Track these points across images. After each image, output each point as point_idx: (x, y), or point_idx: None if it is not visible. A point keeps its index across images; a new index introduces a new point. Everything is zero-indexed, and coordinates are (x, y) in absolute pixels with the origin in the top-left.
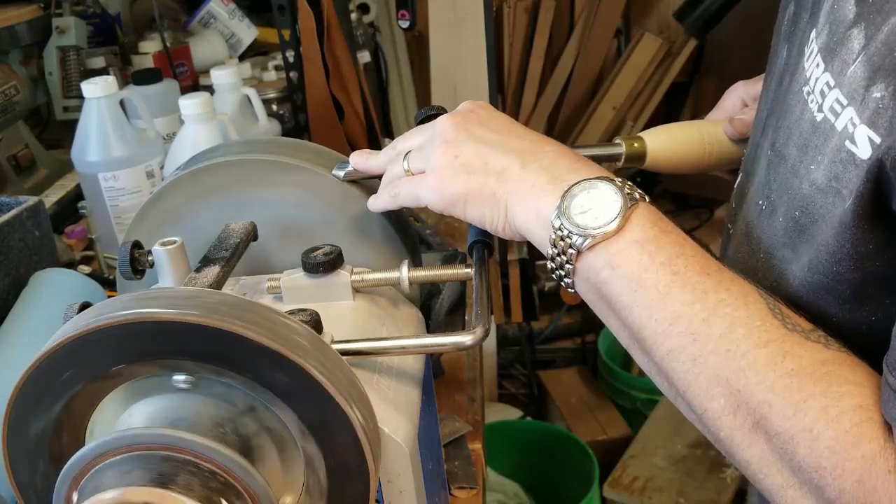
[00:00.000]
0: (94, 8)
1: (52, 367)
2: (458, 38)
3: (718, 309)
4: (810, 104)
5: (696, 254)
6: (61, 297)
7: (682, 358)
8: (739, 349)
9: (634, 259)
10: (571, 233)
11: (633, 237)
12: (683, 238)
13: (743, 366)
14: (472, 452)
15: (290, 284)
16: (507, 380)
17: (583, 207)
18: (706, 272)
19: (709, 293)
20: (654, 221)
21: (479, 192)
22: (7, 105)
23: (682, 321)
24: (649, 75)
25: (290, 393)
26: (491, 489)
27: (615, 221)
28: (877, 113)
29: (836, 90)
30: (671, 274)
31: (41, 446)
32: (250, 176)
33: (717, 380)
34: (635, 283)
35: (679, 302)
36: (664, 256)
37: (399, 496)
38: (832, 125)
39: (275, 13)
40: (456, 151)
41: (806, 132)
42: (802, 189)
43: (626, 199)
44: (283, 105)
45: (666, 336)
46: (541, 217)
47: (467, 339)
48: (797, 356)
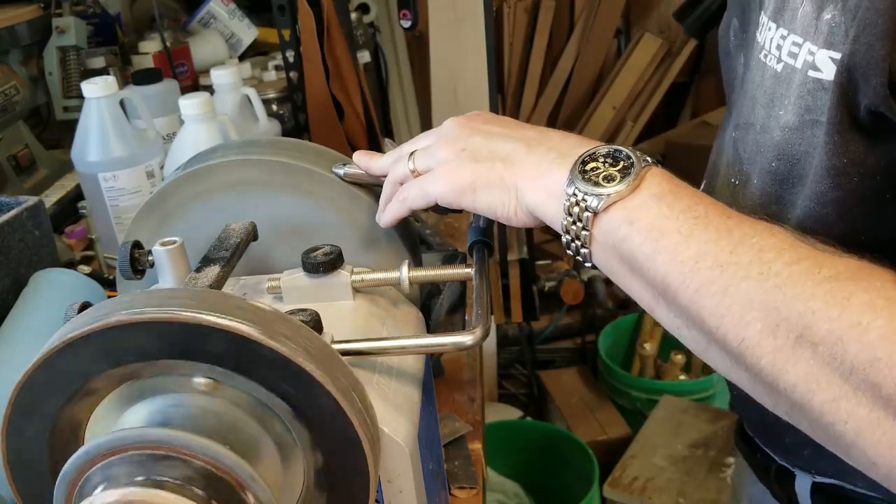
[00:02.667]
0: (94, 8)
1: (52, 367)
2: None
3: (744, 241)
4: (768, 63)
5: (716, 203)
6: (61, 297)
7: (713, 291)
8: (772, 269)
9: (653, 210)
10: (587, 195)
11: (650, 192)
12: (701, 193)
13: (778, 283)
14: (472, 452)
15: (290, 284)
16: (507, 380)
17: (596, 171)
18: (727, 215)
19: (733, 230)
20: (670, 178)
21: (488, 177)
22: (7, 105)
23: (709, 256)
24: (649, 75)
25: (290, 393)
26: (491, 489)
27: (629, 179)
28: (831, 33)
29: (791, 35)
30: (692, 218)
31: (41, 446)
32: (250, 176)
33: (751, 304)
34: (656, 231)
35: (703, 240)
36: (683, 204)
37: (399, 496)
38: (793, 66)
39: (275, 13)
40: (462, 145)
41: (769, 88)
42: (775, 138)
43: (638, 160)
44: (283, 105)
45: (693, 273)
46: (552, 190)
47: (467, 339)
48: (833, 265)
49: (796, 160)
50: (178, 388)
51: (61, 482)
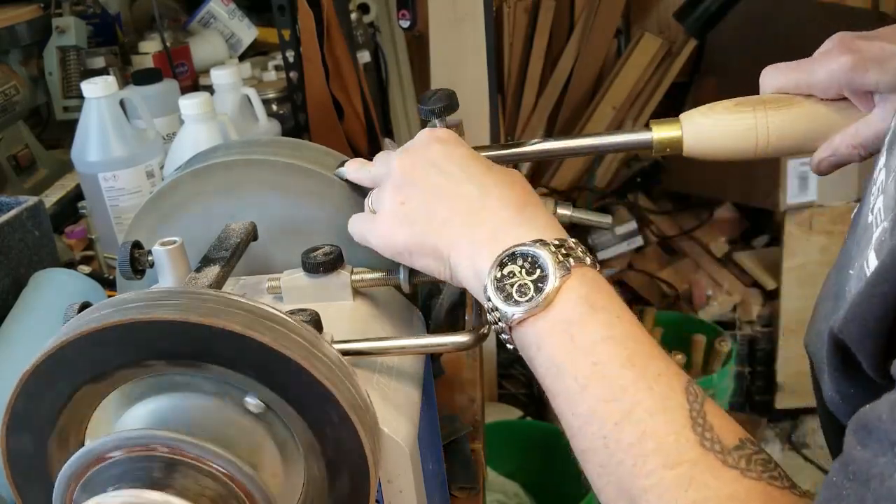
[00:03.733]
0: (94, 8)
1: (52, 367)
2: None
3: (634, 412)
4: (869, 196)
5: (626, 337)
6: (61, 297)
7: (595, 461)
8: (647, 466)
9: (558, 342)
10: (500, 307)
11: (561, 315)
12: (616, 316)
13: (646, 486)
14: (472, 452)
15: (290, 284)
16: (507, 380)
17: (514, 279)
18: (631, 362)
19: (627, 390)
20: (586, 295)
21: (422, 244)
22: (7, 105)
23: (596, 421)
24: (649, 75)
25: (290, 393)
26: (491, 489)
27: (542, 295)
28: (880, 242)
29: (883, 196)
30: (591, 364)
31: (41, 446)
32: (250, 176)
33: (622, 494)
34: (557, 369)
35: (595, 398)
36: (588, 340)
37: (399, 496)
38: (872, 234)
39: (275, 13)
40: (402, 197)
41: (862, 225)
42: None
43: (557, 268)
44: (283, 105)
45: (582, 435)
46: (478, 277)
47: (467, 339)
48: (704, 486)
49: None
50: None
51: (61, 482)
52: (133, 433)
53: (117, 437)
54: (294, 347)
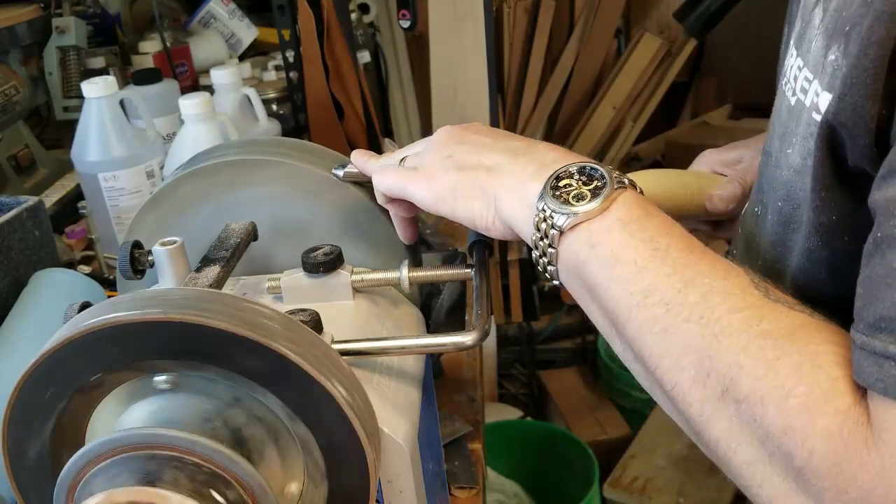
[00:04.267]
0: (94, 8)
1: (52, 367)
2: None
3: (697, 279)
4: (787, 93)
5: (683, 234)
6: (61, 297)
7: (655, 329)
8: (714, 314)
9: (616, 236)
10: (554, 212)
11: (617, 216)
12: (671, 222)
13: (716, 331)
14: (472, 452)
15: (290, 284)
16: (507, 380)
17: (568, 189)
18: (689, 249)
19: (689, 266)
20: (641, 204)
21: (470, 185)
22: (7, 105)
23: (658, 292)
24: (649, 75)
25: (290, 394)
26: (491, 489)
27: (599, 200)
28: (833, 76)
29: (805, 69)
30: (652, 249)
31: (41, 446)
32: (250, 176)
33: (688, 348)
34: (614, 259)
35: (657, 273)
36: (647, 234)
37: (399, 496)
38: (803, 103)
39: (275, 13)
40: (449, 152)
41: (784, 120)
42: (783, 176)
43: (612, 181)
44: (283, 105)
45: (641, 307)
46: (526, 201)
47: (467, 339)
48: (774, 320)
49: (797, 205)
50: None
51: (62, 482)
52: (133, 433)
53: (117, 436)
54: (294, 348)
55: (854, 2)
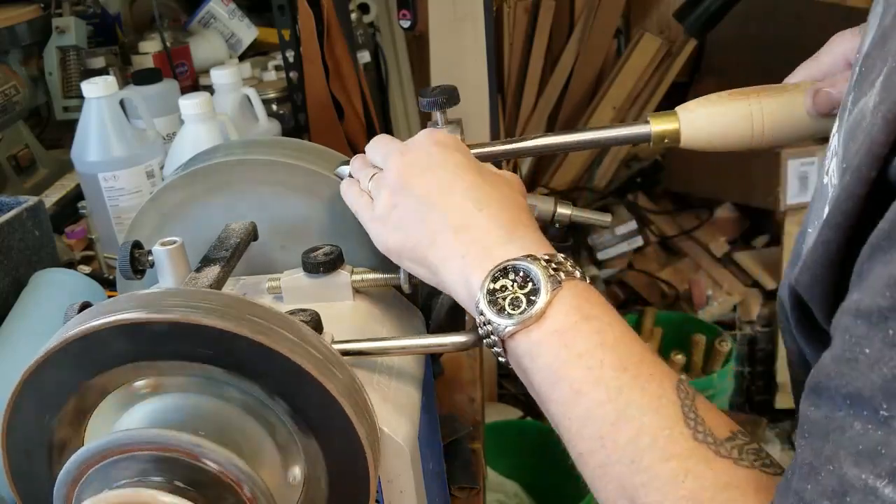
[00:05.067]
0: (94, 8)
1: (52, 367)
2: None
3: (629, 412)
4: (826, 161)
5: (618, 342)
6: (61, 297)
7: (593, 463)
8: (643, 462)
9: (552, 351)
10: (492, 321)
11: (553, 326)
12: (608, 324)
13: (644, 481)
14: (472, 452)
15: (290, 284)
16: (507, 380)
17: (506, 292)
18: (623, 366)
19: (622, 392)
20: (578, 306)
21: (413, 251)
22: (7, 105)
23: (594, 423)
24: (649, 75)
25: (290, 394)
26: (491, 489)
27: (535, 307)
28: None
29: (836, 158)
30: (586, 369)
31: (41, 446)
32: (250, 176)
33: (622, 491)
34: (552, 376)
35: (591, 400)
36: (582, 347)
37: (399, 496)
38: (827, 194)
39: (275, 13)
40: (396, 200)
41: (818, 188)
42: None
43: (548, 281)
44: (283, 105)
45: (579, 438)
46: (470, 292)
47: (467, 339)
48: (699, 476)
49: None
50: (176, 390)
51: (61, 482)
52: (133, 433)
53: (117, 436)
54: (293, 347)
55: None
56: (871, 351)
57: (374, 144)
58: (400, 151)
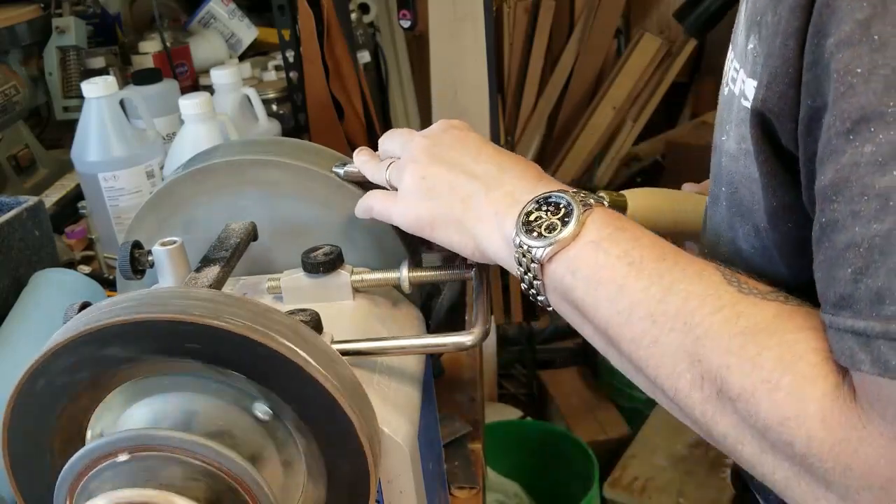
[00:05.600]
0: (94, 8)
1: (52, 367)
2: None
3: (673, 287)
4: (723, 84)
5: (654, 243)
6: (61, 297)
7: (646, 342)
8: (694, 319)
9: (591, 259)
10: (531, 247)
11: (589, 238)
12: (640, 232)
13: (699, 334)
14: (472, 452)
15: (290, 284)
16: (507, 380)
17: (541, 221)
18: (661, 257)
19: (664, 275)
20: (609, 221)
21: (446, 217)
22: (7, 105)
23: (641, 306)
24: (649, 75)
25: (291, 393)
26: (491, 489)
27: (570, 227)
28: (754, 63)
29: (735, 61)
30: (627, 265)
31: (41, 446)
32: (250, 176)
33: (680, 356)
34: (595, 281)
35: (636, 289)
36: (620, 250)
37: (399, 496)
38: (733, 92)
39: (275, 13)
40: (423, 172)
41: (721, 110)
42: (723, 163)
43: (579, 205)
44: (283, 105)
45: (629, 324)
46: (505, 239)
47: (467, 339)
48: (751, 315)
49: (735, 188)
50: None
51: (62, 482)
52: (133, 433)
53: (117, 436)
54: (293, 348)
55: (759, 6)
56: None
57: (390, 135)
58: (422, 135)
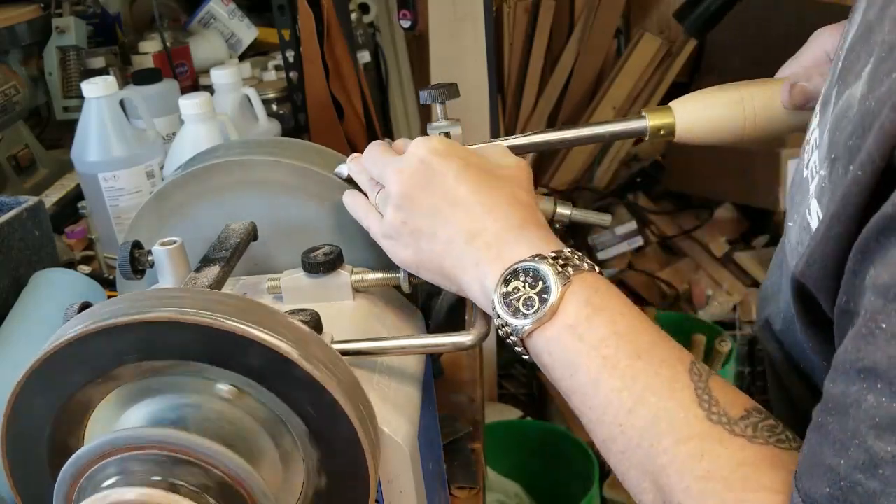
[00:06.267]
0: (94, 8)
1: (52, 367)
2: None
3: (645, 397)
4: (803, 155)
5: (630, 330)
6: (61, 297)
7: (615, 449)
8: (661, 445)
9: (568, 344)
10: (509, 322)
11: (566, 321)
12: (619, 313)
13: (664, 463)
14: (472, 452)
15: (290, 284)
16: (507, 380)
17: (519, 293)
18: (637, 354)
19: (637, 378)
20: (588, 299)
21: (429, 262)
22: (7, 105)
23: (612, 409)
24: (649, 75)
25: (291, 393)
26: (491, 489)
27: (547, 306)
28: (821, 190)
29: (816, 151)
30: (601, 358)
31: (41, 446)
32: (250, 176)
33: (644, 474)
34: (570, 369)
35: (608, 388)
36: (596, 338)
37: (399, 496)
38: (808, 185)
39: (275, 13)
40: (403, 216)
41: (796, 184)
42: (786, 245)
43: (558, 279)
44: (283, 105)
45: (600, 424)
46: (487, 296)
47: (467, 339)
48: (715, 456)
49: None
50: (176, 389)
51: (61, 482)
52: (133, 432)
53: (117, 436)
54: (294, 348)
55: (845, 130)
56: (887, 326)
57: (369, 156)
58: (397, 169)
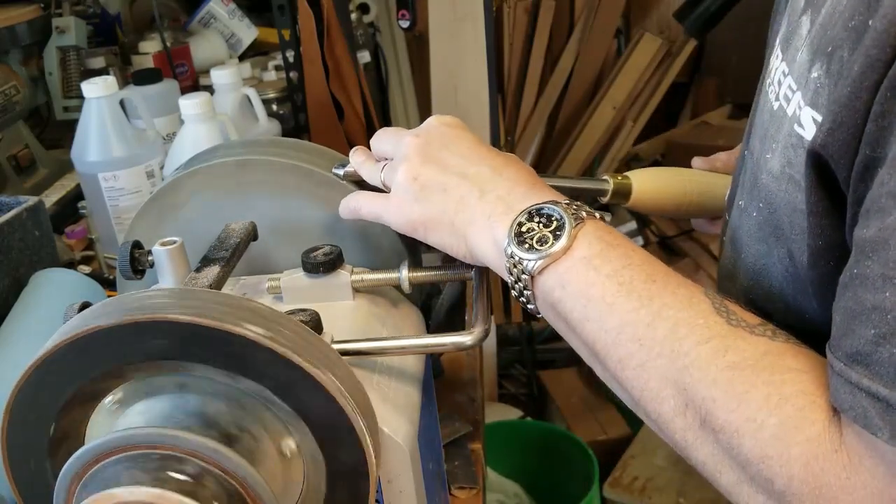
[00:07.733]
0: (94, 8)
1: (52, 367)
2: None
3: (662, 312)
4: (770, 95)
5: (644, 262)
6: (61, 297)
7: (632, 364)
8: (682, 348)
9: (582, 275)
10: (522, 258)
11: (580, 254)
12: (631, 249)
13: (686, 364)
14: (472, 452)
15: (290, 284)
16: (507, 380)
17: (532, 232)
18: (652, 279)
19: (654, 298)
20: (601, 236)
21: (439, 220)
22: (7, 105)
23: (629, 328)
24: (649, 75)
25: (290, 393)
26: (491, 489)
27: (561, 241)
28: (816, 93)
29: (789, 77)
30: (617, 284)
31: (41, 446)
32: (250, 176)
33: (665, 382)
34: (584, 297)
35: (625, 310)
36: (610, 268)
37: (399, 496)
38: (785, 111)
39: (275, 13)
40: (415, 173)
41: (766, 122)
42: (763, 180)
43: (571, 218)
44: (283, 105)
45: (616, 345)
46: (496, 246)
47: (467, 339)
48: (739, 349)
49: (773, 210)
50: (176, 389)
51: (62, 482)
52: (133, 432)
53: (117, 436)
54: (293, 348)
55: (837, 23)
56: None
57: (380, 136)
58: (414, 134)
